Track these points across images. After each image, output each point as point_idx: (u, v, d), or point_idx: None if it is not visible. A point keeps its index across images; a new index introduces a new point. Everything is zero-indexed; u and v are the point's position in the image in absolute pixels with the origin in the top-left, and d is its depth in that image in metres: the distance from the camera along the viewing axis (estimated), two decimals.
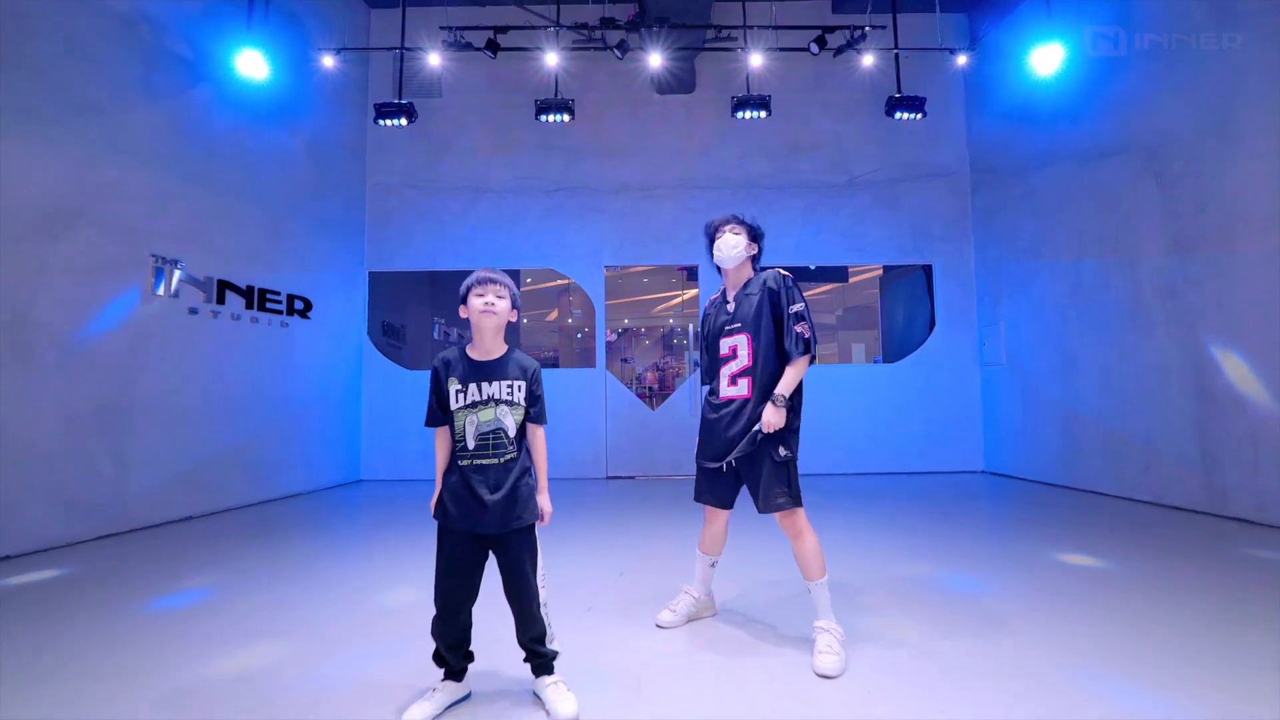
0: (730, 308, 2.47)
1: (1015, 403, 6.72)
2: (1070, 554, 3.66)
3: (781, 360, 2.37)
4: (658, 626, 2.57)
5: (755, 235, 2.49)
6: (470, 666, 1.97)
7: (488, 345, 1.95)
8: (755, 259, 2.52)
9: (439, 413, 1.94)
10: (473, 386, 1.91)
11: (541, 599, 1.94)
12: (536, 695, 1.95)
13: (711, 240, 2.53)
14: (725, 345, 2.45)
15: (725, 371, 2.44)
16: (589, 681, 2.04)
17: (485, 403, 1.90)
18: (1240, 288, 4.43)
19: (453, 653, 1.90)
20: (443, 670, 1.92)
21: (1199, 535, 4.05)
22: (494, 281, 1.94)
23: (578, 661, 2.18)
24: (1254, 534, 4.03)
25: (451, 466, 1.92)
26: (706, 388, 2.58)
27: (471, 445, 1.88)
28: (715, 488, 2.48)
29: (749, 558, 3.53)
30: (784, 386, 2.29)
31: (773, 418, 2.26)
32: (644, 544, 4.02)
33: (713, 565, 2.63)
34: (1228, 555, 3.57)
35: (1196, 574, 3.21)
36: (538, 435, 2.01)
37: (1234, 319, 4.47)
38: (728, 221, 2.50)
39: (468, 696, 1.97)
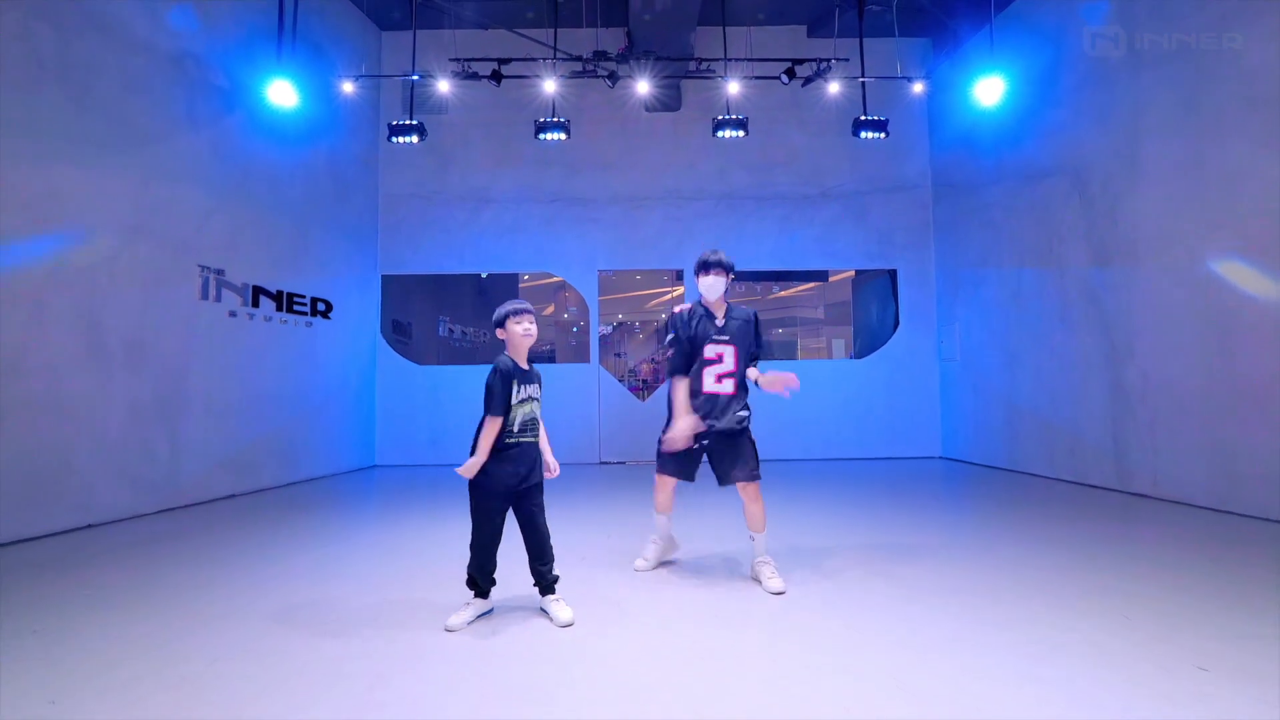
0: (719, 323, 3.13)
1: (967, 395, 7.45)
2: (984, 522, 4.39)
3: (746, 370, 3.14)
4: (635, 570, 3.25)
5: (730, 273, 3.17)
6: (493, 594, 2.66)
7: (524, 358, 2.66)
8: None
9: (502, 406, 2.55)
10: (523, 388, 2.61)
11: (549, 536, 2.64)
12: (543, 609, 2.66)
13: (699, 269, 3.17)
14: (712, 350, 3.10)
15: (711, 371, 3.09)
16: (583, 604, 2.73)
17: (527, 400, 2.61)
18: (1144, 296, 5.14)
19: (484, 577, 2.60)
20: (474, 591, 2.61)
21: (1101, 507, 4.79)
22: (529, 312, 2.65)
23: (574, 592, 2.86)
24: (1147, 505, 4.77)
25: (500, 444, 2.56)
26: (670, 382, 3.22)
27: (516, 430, 2.58)
28: (684, 464, 3.15)
29: (704, 528, 4.25)
30: (757, 371, 3.14)
31: (777, 377, 3.08)
32: (629, 514, 4.72)
33: (669, 520, 3.32)
34: (1117, 520, 4.32)
35: (1078, 535, 3.94)
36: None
37: (1139, 323, 5.19)
38: (716, 266, 3.12)
39: (491, 610, 2.66)
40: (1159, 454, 5.00)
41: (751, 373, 3.15)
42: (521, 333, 2.61)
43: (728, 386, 3.07)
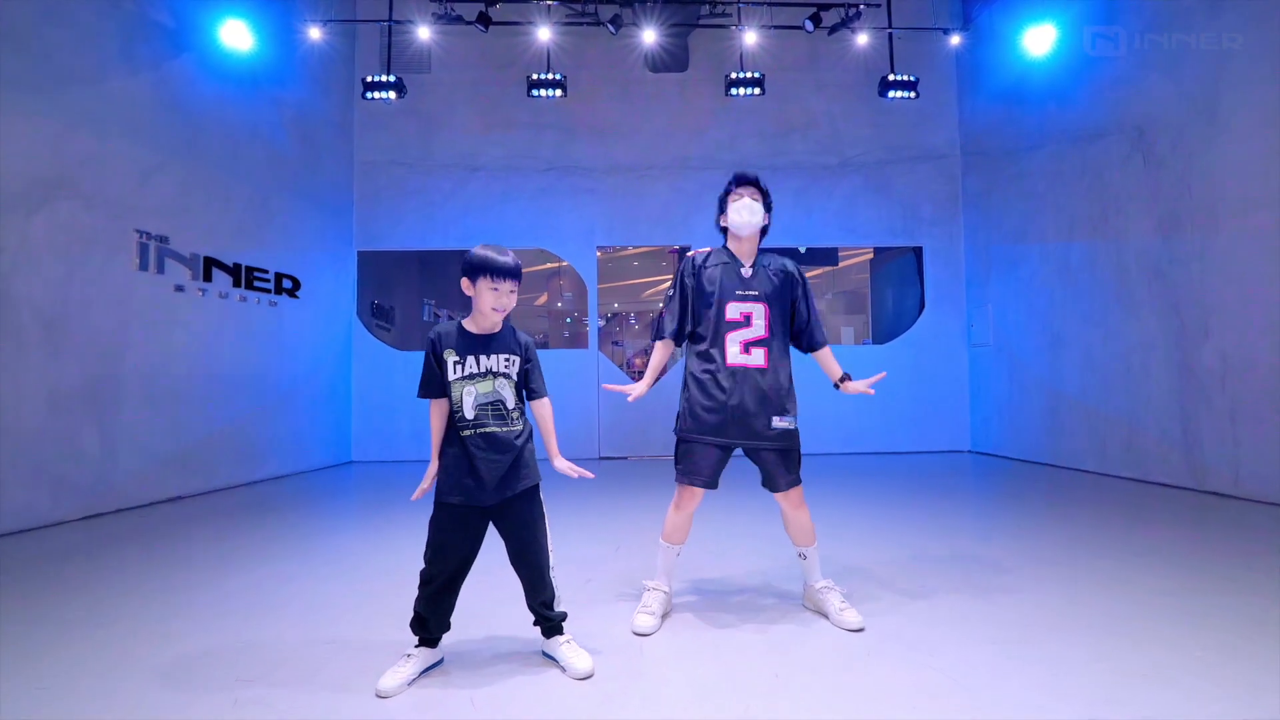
0: (746, 273, 2.37)
1: (1002, 383, 6.82)
2: (1061, 527, 3.75)
3: (787, 338, 2.41)
4: (638, 633, 2.21)
5: (768, 208, 2.39)
6: (481, 631, 1.99)
7: (487, 324, 1.96)
8: (762, 234, 2.44)
9: (434, 385, 1.92)
10: (470, 359, 1.91)
11: (551, 562, 1.96)
12: (548, 655, 1.98)
13: (728, 191, 2.39)
14: (737, 310, 2.32)
15: (735, 337, 2.31)
16: (595, 647, 2.06)
17: (483, 375, 1.91)
18: (1223, 267, 4.51)
19: (435, 618, 1.90)
20: (419, 635, 1.92)
21: (1175, 507, 4.17)
22: (511, 276, 1.90)
23: (580, 629, 2.19)
24: (1229, 506, 4.16)
25: (451, 439, 1.91)
26: (692, 354, 2.41)
27: (470, 416, 1.88)
28: (715, 465, 2.32)
29: (733, 540, 3.59)
30: (839, 366, 2.47)
31: (863, 385, 2.45)
32: (638, 521, 4.06)
33: (679, 554, 2.48)
34: (1198, 524, 3.69)
35: (1180, 543, 3.31)
36: (544, 407, 2.04)
37: (1217, 298, 4.55)
38: (752, 184, 2.37)
39: (440, 662, 1.97)
40: (1241, 447, 4.38)
41: (834, 368, 2.45)
42: (493, 305, 1.90)
43: (758, 358, 2.28)
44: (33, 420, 3.92)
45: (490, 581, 2.43)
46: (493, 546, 1.98)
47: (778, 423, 2.27)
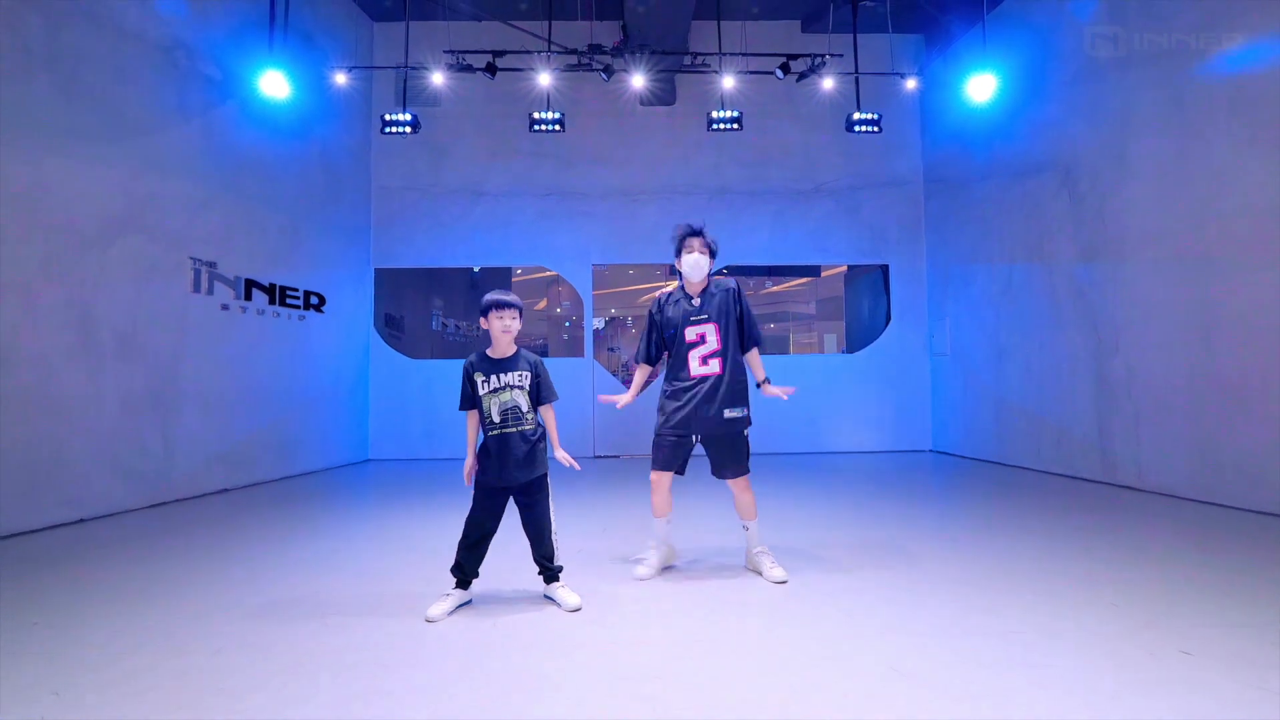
0: (696, 303, 3.09)
1: (957, 389, 7.54)
2: (976, 514, 4.46)
3: (738, 346, 3.08)
4: (637, 579, 2.98)
5: (713, 256, 3.14)
6: (495, 585, 2.69)
7: (503, 349, 2.68)
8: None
9: (468, 399, 2.68)
10: (493, 377, 2.64)
11: (553, 529, 2.70)
12: (548, 597, 2.71)
13: (681, 244, 3.10)
14: (693, 333, 3.05)
15: (695, 354, 3.04)
16: (582, 595, 2.75)
17: (503, 388, 2.62)
18: (1129, 292, 5.23)
19: (468, 566, 2.63)
20: (455, 579, 2.64)
21: (1088, 498, 4.88)
22: (511, 306, 2.66)
23: (572, 584, 2.88)
24: (1132, 497, 4.87)
25: (485, 438, 2.65)
26: (660, 374, 3.19)
27: (497, 420, 2.60)
28: (679, 455, 3.07)
29: (698, 520, 4.29)
30: (763, 370, 3.11)
31: (779, 390, 3.06)
32: (625, 508, 4.76)
33: (669, 522, 3.18)
34: (1098, 512, 4.41)
35: (1068, 527, 4.02)
36: (548, 411, 2.74)
37: (1124, 318, 5.27)
38: (698, 238, 3.07)
39: (470, 601, 2.69)
40: (1143, 447, 5.10)
41: (758, 370, 3.13)
42: (501, 329, 2.64)
43: (714, 366, 3.01)
44: (109, 421, 4.62)
45: (508, 551, 3.13)
46: (512, 527, 2.69)
47: (728, 413, 3.00)
